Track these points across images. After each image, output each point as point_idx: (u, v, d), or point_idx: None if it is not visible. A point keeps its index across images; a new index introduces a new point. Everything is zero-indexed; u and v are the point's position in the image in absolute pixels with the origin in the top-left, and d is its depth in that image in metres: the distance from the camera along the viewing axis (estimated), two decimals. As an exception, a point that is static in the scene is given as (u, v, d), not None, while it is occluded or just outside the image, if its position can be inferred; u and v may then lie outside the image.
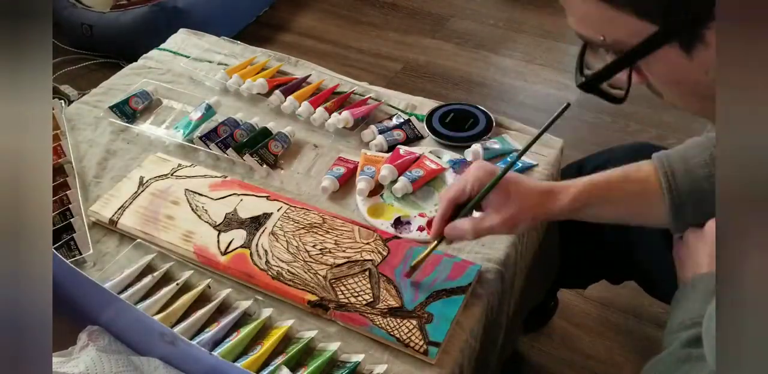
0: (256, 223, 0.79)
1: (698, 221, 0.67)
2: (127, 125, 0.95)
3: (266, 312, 0.71)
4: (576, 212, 0.68)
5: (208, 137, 0.90)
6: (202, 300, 0.72)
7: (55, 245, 0.76)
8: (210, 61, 1.08)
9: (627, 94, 0.47)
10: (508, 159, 0.84)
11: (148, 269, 0.75)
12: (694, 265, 0.65)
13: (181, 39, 1.14)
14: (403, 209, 0.83)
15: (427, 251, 0.71)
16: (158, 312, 0.69)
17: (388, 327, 0.69)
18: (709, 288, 0.61)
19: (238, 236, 0.78)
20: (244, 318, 0.71)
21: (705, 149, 0.66)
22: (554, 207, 0.67)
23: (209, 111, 0.95)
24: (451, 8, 2.27)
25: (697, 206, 0.66)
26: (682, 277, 0.67)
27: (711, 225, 0.66)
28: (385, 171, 0.84)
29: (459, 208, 0.69)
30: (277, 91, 0.99)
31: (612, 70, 0.44)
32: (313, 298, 0.71)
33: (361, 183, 0.84)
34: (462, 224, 0.67)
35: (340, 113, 0.94)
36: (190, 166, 0.87)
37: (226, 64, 1.07)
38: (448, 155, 0.89)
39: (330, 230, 0.79)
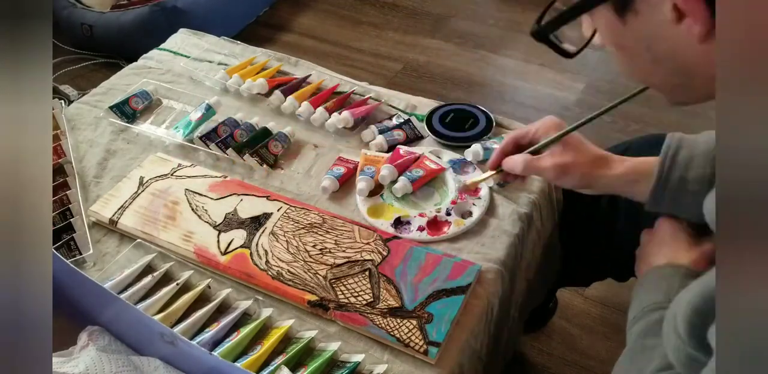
0: (256, 223, 0.79)
1: (673, 212, 0.69)
2: (127, 125, 0.95)
3: (266, 312, 0.71)
4: (627, 185, 0.70)
5: (208, 137, 0.90)
6: (202, 299, 0.72)
7: (55, 245, 0.76)
8: (210, 61, 1.08)
9: (581, 50, 0.52)
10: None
11: (148, 269, 0.75)
12: (646, 265, 0.69)
13: (181, 39, 1.14)
14: (403, 209, 0.83)
15: (482, 178, 0.78)
16: (158, 312, 0.69)
17: (388, 327, 0.69)
18: (655, 278, 0.65)
19: (238, 236, 0.78)
20: (244, 318, 0.71)
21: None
22: (607, 173, 0.70)
23: (209, 111, 0.95)
24: (451, 8, 2.27)
25: (675, 200, 0.67)
26: (638, 276, 0.70)
27: (661, 223, 0.70)
28: (385, 171, 0.84)
29: (517, 147, 0.75)
30: (277, 92, 0.99)
31: (558, 21, 0.48)
32: (313, 298, 0.71)
33: (361, 183, 0.84)
34: (518, 157, 0.73)
35: (340, 113, 0.93)
36: (190, 166, 0.87)
37: (226, 64, 1.07)
38: (448, 155, 0.89)
39: (330, 230, 0.79)
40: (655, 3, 0.41)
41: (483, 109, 0.96)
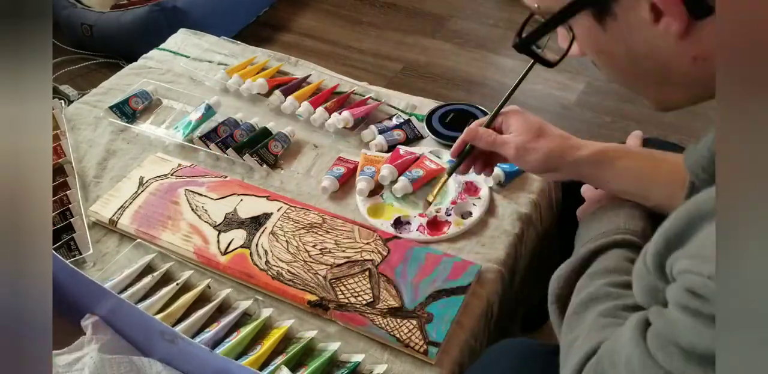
0: (256, 223, 0.79)
1: None
2: (127, 125, 0.95)
3: (266, 312, 0.71)
4: (593, 167, 0.67)
5: (208, 137, 0.90)
6: (202, 299, 0.72)
7: (55, 245, 0.76)
8: (210, 61, 1.08)
9: (561, 59, 0.53)
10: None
11: (148, 269, 0.75)
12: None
13: (181, 39, 1.14)
14: (403, 209, 0.83)
15: (443, 181, 0.72)
16: (158, 312, 0.69)
17: (388, 327, 0.69)
18: (600, 213, 0.67)
19: (238, 236, 0.78)
20: (244, 318, 0.71)
21: None
22: (577, 153, 0.67)
23: (209, 111, 0.95)
24: (451, 8, 2.27)
25: None
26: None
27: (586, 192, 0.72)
28: (385, 171, 0.84)
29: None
30: (277, 91, 0.98)
31: (539, 32, 0.50)
32: (313, 298, 0.71)
33: (361, 183, 0.84)
34: (483, 131, 0.70)
35: (340, 113, 0.93)
36: (190, 166, 0.87)
37: (226, 64, 1.07)
38: (448, 155, 0.89)
39: (330, 230, 0.79)
40: (632, 5, 0.42)
41: (483, 109, 0.96)
